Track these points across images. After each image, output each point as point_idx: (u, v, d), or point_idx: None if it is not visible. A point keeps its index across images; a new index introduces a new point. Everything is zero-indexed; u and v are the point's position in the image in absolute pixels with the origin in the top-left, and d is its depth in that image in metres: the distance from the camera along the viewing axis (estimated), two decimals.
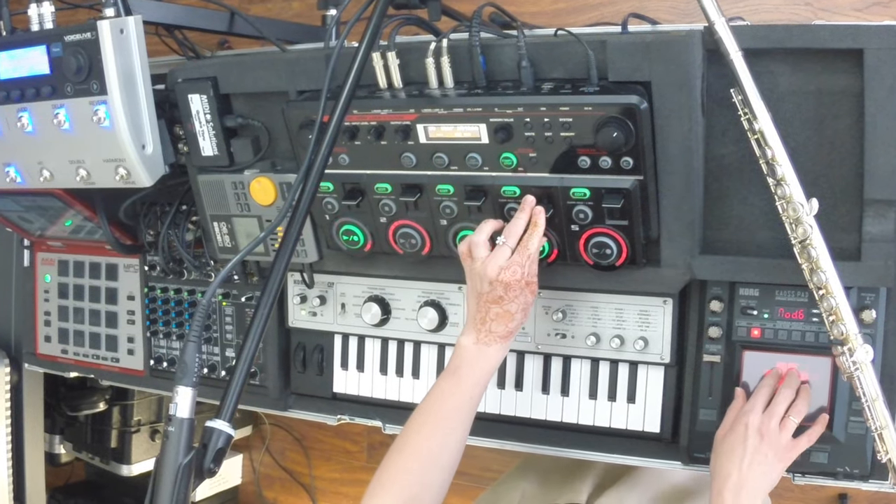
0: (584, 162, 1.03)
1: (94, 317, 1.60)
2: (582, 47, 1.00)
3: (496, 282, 1.02)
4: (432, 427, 1.02)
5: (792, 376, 1.06)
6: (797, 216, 0.95)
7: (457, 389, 1.03)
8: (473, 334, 1.04)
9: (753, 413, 1.01)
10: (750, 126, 0.95)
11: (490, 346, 1.04)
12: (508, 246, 1.04)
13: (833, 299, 0.96)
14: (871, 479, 1.06)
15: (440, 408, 1.03)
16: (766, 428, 1.00)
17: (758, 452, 0.98)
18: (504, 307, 1.03)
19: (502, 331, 1.03)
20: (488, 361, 1.04)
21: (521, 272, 1.02)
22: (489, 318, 1.03)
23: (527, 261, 1.03)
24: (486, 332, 1.04)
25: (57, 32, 1.12)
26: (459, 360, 1.04)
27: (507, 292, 1.02)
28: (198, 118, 1.23)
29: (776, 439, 1.00)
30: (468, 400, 1.03)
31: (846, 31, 0.94)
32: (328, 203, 1.20)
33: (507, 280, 1.02)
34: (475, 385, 1.03)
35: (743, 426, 1.00)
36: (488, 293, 1.03)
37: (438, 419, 1.02)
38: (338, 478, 2.27)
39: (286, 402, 1.43)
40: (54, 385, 1.93)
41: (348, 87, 0.98)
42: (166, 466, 0.79)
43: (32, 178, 1.24)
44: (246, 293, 1.44)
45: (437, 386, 1.05)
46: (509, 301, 1.02)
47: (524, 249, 1.03)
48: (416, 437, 1.02)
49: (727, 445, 1.01)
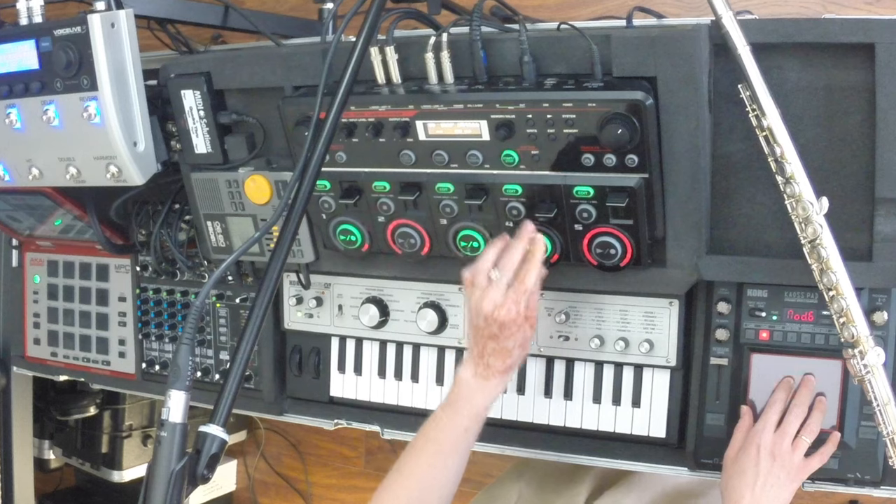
0: (587, 159, 1.02)
1: (85, 319, 1.59)
2: (585, 42, 0.99)
3: (491, 319, 1.01)
4: (431, 454, 1.04)
5: (804, 391, 1.04)
6: (807, 215, 0.95)
7: (453, 422, 1.04)
8: (472, 367, 1.04)
9: (765, 433, 1.00)
10: (758, 123, 0.95)
11: (488, 381, 1.03)
12: (504, 281, 1.01)
13: (843, 301, 0.95)
14: (882, 485, 1.05)
15: (437, 437, 1.04)
16: (778, 449, 0.99)
17: (770, 474, 0.98)
18: (500, 344, 1.02)
19: (500, 366, 1.03)
20: (486, 395, 1.04)
21: (517, 310, 1.00)
22: (486, 352, 1.03)
23: (523, 296, 1.00)
24: (484, 366, 1.03)
25: (46, 26, 1.12)
26: (457, 392, 1.05)
27: (503, 331, 1.01)
28: (191, 114, 1.22)
29: (788, 460, 0.99)
30: (463, 432, 1.03)
31: (857, 24, 0.93)
32: (325, 202, 1.19)
33: (503, 319, 1.00)
34: (472, 418, 1.04)
35: (755, 447, 0.99)
36: (484, 329, 1.02)
37: (437, 448, 1.04)
38: (334, 484, 2.26)
39: (282, 406, 1.43)
40: (44, 389, 1.93)
41: (345, 83, 0.97)
42: (159, 472, 0.78)
43: (21, 176, 1.23)
44: (240, 294, 1.43)
45: (436, 414, 1.05)
46: (505, 339, 1.02)
47: (520, 285, 1.01)
48: (416, 462, 1.04)
49: (738, 467, 1.00)
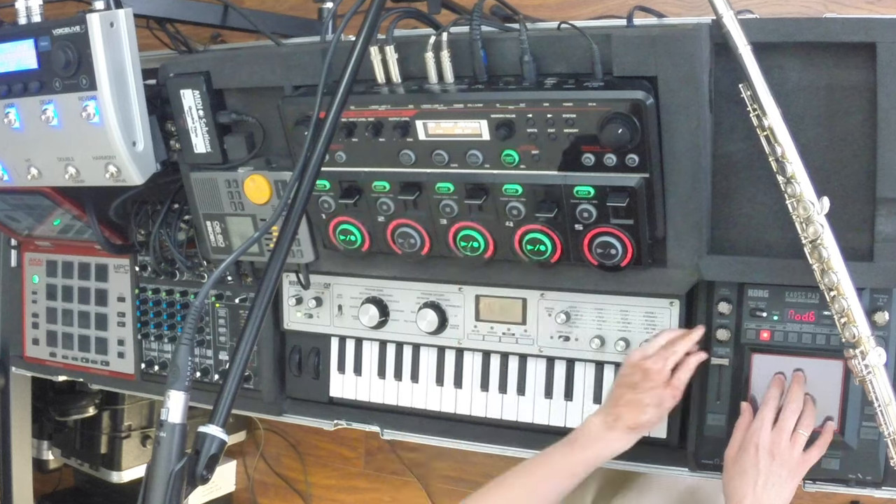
0: (588, 159, 1.02)
1: (84, 319, 1.59)
2: (586, 41, 0.99)
3: (636, 366, 1.04)
4: (527, 484, 1.04)
5: (796, 387, 1.04)
6: (808, 215, 0.94)
7: (564, 459, 1.04)
8: (602, 415, 1.05)
9: (762, 431, 1.00)
10: (759, 122, 0.95)
11: (613, 432, 1.04)
12: (658, 342, 1.07)
13: (845, 301, 0.95)
14: (883, 485, 1.05)
15: (542, 469, 1.05)
16: (777, 447, 0.99)
17: (770, 473, 0.98)
18: (637, 395, 1.03)
19: (630, 420, 1.03)
20: (606, 446, 1.04)
21: (663, 364, 1.04)
22: (621, 403, 1.04)
23: (672, 357, 1.05)
24: (615, 416, 1.04)
25: (45, 26, 1.11)
26: (580, 434, 1.06)
27: (645, 380, 1.03)
28: (190, 114, 1.22)
29: (788, 457, 0.99)
30: (569, 475, 1.04)
31: (858, 24, 0.93)
32: (324, 202, 1.19)
33: (647, 367, 1.03)
34: (583, 463, 1.04)
35: (753, 447, 0.99)
36: (626, 376, 1.05)
37: (535, 479, 1.05)
38: (334, 484, 2.26)
39: (281, 406, 1.42)
40: (42, 389, 1.92)
41: (345, 83, 0.97)
42: (158, 473, 0.78)
43: (20, 176, 1.23)
44: (240, 294, 1.43)
45: (551, 448, 1.07)
46: (644, 391, 1.03)
47: (671, 346, 1.06)
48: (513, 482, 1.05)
49: (739, 467, 1.00)
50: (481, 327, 1.25)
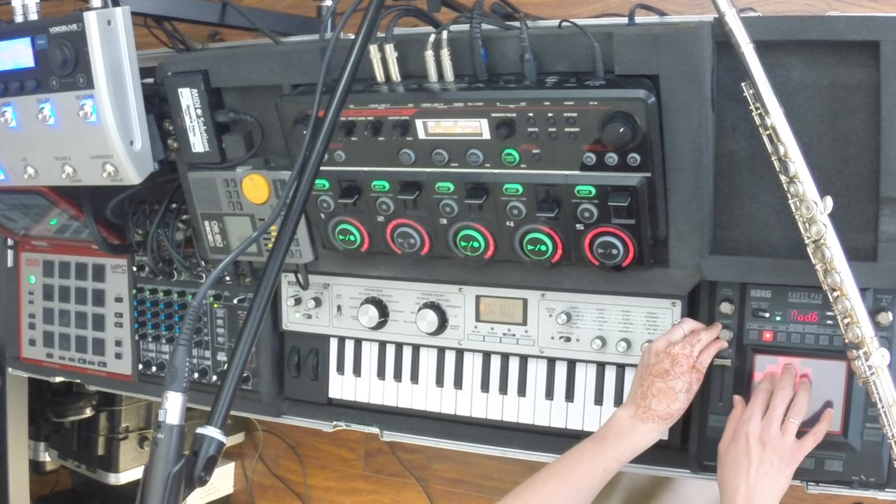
0: (589, 158, 1.01)
1: (81, 319, 1.58)
2: (587, 39, 0.99)
3: (664, 353, 1.04)
4: (560, 481, 1.03)
5: (786, 375, 1.04)
6: (811, 215, 0.94)
7: (596, 455, 1.03)
8: (632, 408, 1.04)
9: (752, 422, 0.99)
10: (762, 121, 0.94)
11: (646, 423, 1.03)
12: (682, 327, 1.07)
13: (848, 301, 0.94)
14: (887, 487, 1.04)
15: (573, 466, 1.03)
16: (766, 435, 0.98)
17: (762, 462, 0.97)
18: (668, 383, 1.02)
19: (663, 410, 1.02)
20: (638, 439, 1.03)
21: (690, 349, 1.04)
22: (651, 393, 1.03)
23: (697, 343, 1.05)
24: (645, 407, 1.03)
25: (42, 24, 1.11)
26: (610, 428, 1.04)
27: (674, 366, 1.03)
28: (188, 113, 1.22)
29: (779, 445, 0.98)
30: (602, 471, 1.02)
31: (861, 22, 0.92)
32: (323, 201, 1.19)
33: (677, 353, 1.03)
34: (615, 459, 1.03)
35: (744, 437, 0.99)
36: (654, 365, 1.04)
37: (567, 476, 1.03)
38: (333, 486, 2.25)
39: (280, 407, 1.42)
40: (39, 390, 1.92)
41: (344, 81, 0.96)
42: (155, 475, 0.78)
43: (16, 175, 1.23)
44: (238, 295, 1.43)
45: (580, 444, 1.05)
46: (675, 377, 1.02)
47: (695, 334, 1.06)
48: (543, 486, 1.03)
49: (731, 458, 0.99)
50: (482, 328, 1.25)
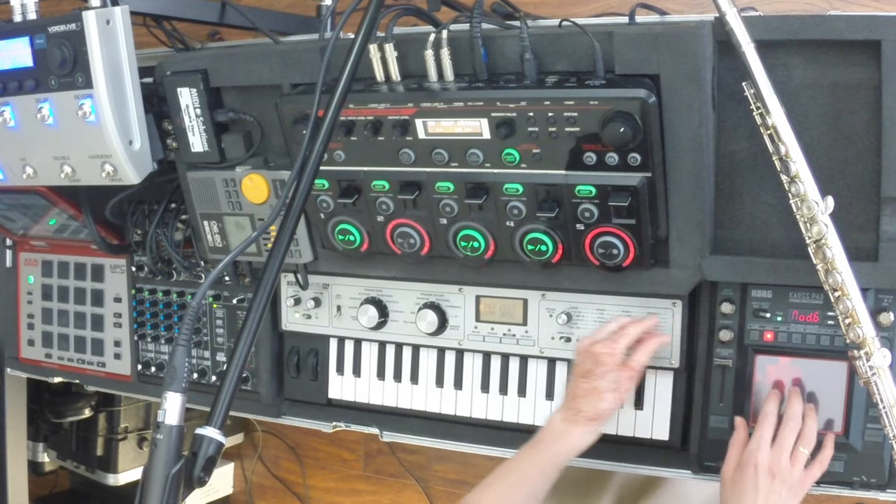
0: (589, 158, 1.01)
1: (80, 320, 1.58)
2: (588, 39, 0.98)
3: (587, 353, 1.03)
4: (500, 488, 1.03)
5: (794, 402, 1.02)
6: (812, 215, 0.94)
7: (531, 460, 1.03)
8: (564, 411, 1.05)
9: (761, 452, 0.97)
10: (763, 121, 0.94)
11: (575, 426, 1.03)
12: (609, 328, 1.06)
13: (849, 301, 0.94)
14: (888, 488, 1.04)
15: (512, 472, 1.04)
16: (777, 466, 0.97)
17: (771, 493, 0.96)
18: (592, 383, 1.02)
19: (590, 411, 1.02)
20: (570, 442, 1.03)
21: (614, 347, 1.03)
22: (577, 394, 1.03)
23: (623, 339, 1.04)
24: (575, 409, 1.03)
25: (41, 23, 1.11)
26: (545, 432, 1.05)
27: (597, 366, 1.02)
28: (187, 113, 1.22)
29: (789, 475, 0.97)
30: (538, 475, 1.02)
31: (863, 21, 0.92)
32: (323, 201, 1.18)
33: (597, 351, 1.03)
34: (550, 462, 1.03)
35: (752, 467, 0.97)
36: (578, 365, 1.04)
37: (507, 483, 1.03)
38: (333, 487, 2.25)
39: (279, 408, 1.42)
40: (38, 391, 1.92)
41: (344, 81, 0.96)
42: (154, 475, 0.78)
43: (15, 175, 1.22)
44: (237, 295, 1.42)
45: (520, 449, 1.07)
46: (598, 377, 1.02)
47: (622, 330, 1.06)
48: (486, 491, 1.04)
49: (738, 489, 0.97)
50: (482, 328, 1.24)
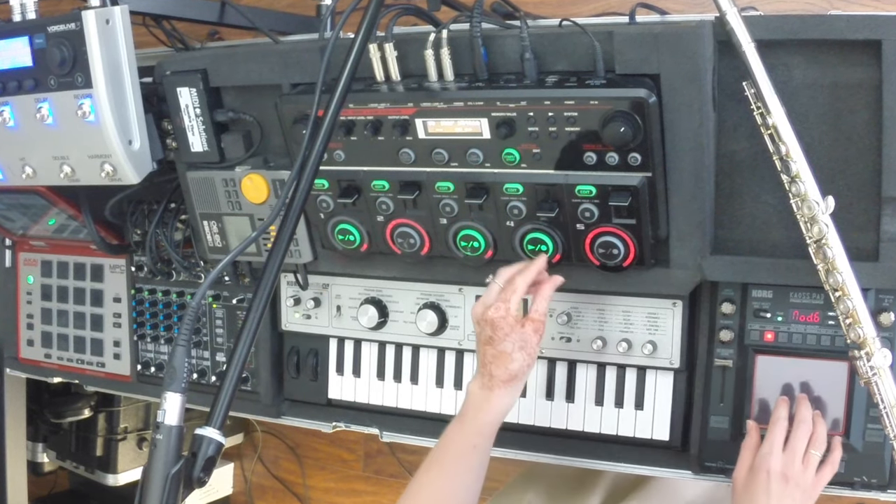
0: (589, 158, 1.01)
1: (79, 320, 1.58)
2: (588, 38, 0.98)
3: (483, 321, 1.02)
4: (437, 472, 1.02)
5: (804, 406, 1.01)
6: (812, 215, 0.94)
7: (460, 436, 1.02)
8: (479, 379, 1.04)
9: (773, 456, 0.97)
10: (763, 121, 0.94)
11: (493, 391, 1.02)
12: (496, 283, 1.04)
13: (850, 301, 0.94)
14: (889, 488, 1.04)
15: (444, 453, 1.03)
16: (790, 471, 0.96)
17: (784, 496, 0.95)
18: (496, 347, 1.01)
19: (503, 374, 1.01)
20: (493, 408, 1.02)
21: (506, 307, 1.01)
22: (487, 360, 1.02)
23: (512, 295, 1.01)
24: (489, 375, 1.02)
25: (40, 23, 1.11)
26: (466, 405, 1.04)
27: (496, 331, 1.01)
28: (187, 112, 1.22)
29: (802, 479, 0.96)
30: (471, 448, 1.02)
31: (864, 21, 0.92)
32: (323, 201, 1.18)
33: (491, 317, 1.01)
34: (478, 433, 1.02)
35: (765, 472, 0.96)
36: (479, 334, 1.03)
37: (443, 465, 1.02)
38: (333, 487, 2.25)
39: (279, 408, 1.41)
40: (37, 391, 1.92)
41: (344, 80, 0.96)
42: (154, 476, 0.77)
43: (14, 175, 1.22)
44: (237, 295, 1.42)
45: (446, 429, 1.05)
46: (500, 341, 1.01)
47: (509, 285, 1.03)
48: (424, 480, 1.03)
49: (750, 493, 0.97)
50: None
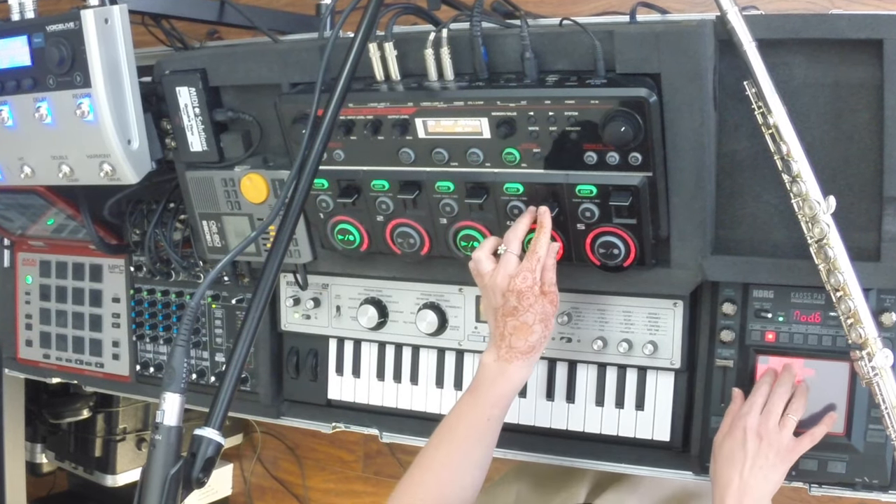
0: (590, 158, 1.01)
1: (78, 320, 1.58)
2: (588, 38, 0.98)
3: (508, 292, 1.00)
4: (449, 444, 1.01)
5: (786, 373, 1.03)
6: (813, 214, 0.94)
7: (474, 408, 1.01)
8: (494, 351, 1.02)
9: (751, 415, 0.99)
10: (764, 120, 0.94)
11: (511, 364, 1.01)
12: (512, 252, 1.02)
13: (851, 301, 0.94)
14: (891, 489, 1.03)
15: (457, 425, 1.02)
16: (764, 429, 0.98)
17: (758, 455, 0.97)
18: (520, 318, 1.00)
19: (523, 346, 1.01)
20: (509, 380, 1.01)
21: (533, 278, 1.00)
22: (507, 332, 1.01)
23: (537, 264, 1.00)
24: (507, 347, 1.01)
25: (39, 22, 1.11)
26: (480, 377, 1.03)
27: (521, 301, 1.00)
28: (186, 112, 1.21)
29: (776, 439, 0.98)
30: (485, 420, 1.01)
31: (865, 20, 0.92)
32: (322, 201, 1.18)
33: (519, 288, 1.00)
34: (493, 405, 1.01)
35: (741, 430, 0.98)
36: (503, 306, 1.01)
37: (455, 437, 1.01)
38: (332, 488, 2.25)
39: (278, 409, 1.41)
40: (36, 391, 1.92)
41: (343, 80, 0.96)
42: (153, 476, 0.77)
43: (13, 174, 1.22)
44: (236, 295, 1.42)
45: (457, 402, 1.04)
46: (524, 311, 1.00)
47: (532, 254, 1.01)
48: (434, 453, 1.01)
49: (726, 450, 0.99)
50: (482, 328, 1.24)
